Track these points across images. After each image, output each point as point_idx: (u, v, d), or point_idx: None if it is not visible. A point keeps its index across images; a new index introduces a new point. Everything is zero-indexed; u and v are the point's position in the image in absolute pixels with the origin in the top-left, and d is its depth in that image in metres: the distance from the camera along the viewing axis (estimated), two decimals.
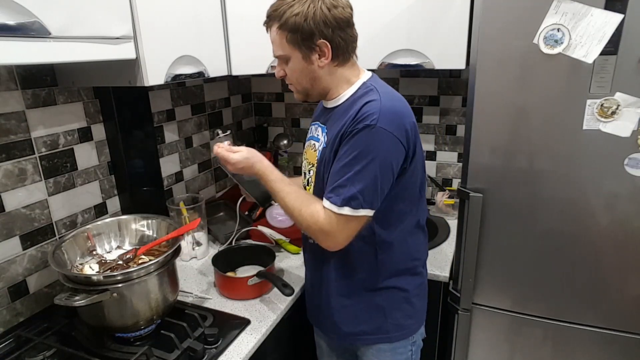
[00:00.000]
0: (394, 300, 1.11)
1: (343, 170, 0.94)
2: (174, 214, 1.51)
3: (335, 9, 0.95)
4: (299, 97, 1.08)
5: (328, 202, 0.96)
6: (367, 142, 0.92)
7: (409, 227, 1.09)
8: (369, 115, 0.92)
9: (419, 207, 1.10)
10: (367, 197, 0.93)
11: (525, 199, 1.26)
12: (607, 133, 1.13)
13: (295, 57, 0.99)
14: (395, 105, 0.96)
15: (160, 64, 1.18)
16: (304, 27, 0.94)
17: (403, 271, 1.11)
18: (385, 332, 1.12)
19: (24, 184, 1.20)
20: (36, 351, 1.07)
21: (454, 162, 1.97)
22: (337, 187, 0.95)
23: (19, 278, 1.21)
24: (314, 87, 1.04)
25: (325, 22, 0.94)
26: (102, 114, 1.41)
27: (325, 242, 1.00)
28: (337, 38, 0.96)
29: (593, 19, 1.06)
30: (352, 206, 0.93)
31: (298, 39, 0.96)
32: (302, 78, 1.03)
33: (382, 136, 0.92)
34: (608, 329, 1.29)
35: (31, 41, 0.84)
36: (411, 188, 1.04)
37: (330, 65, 1.00)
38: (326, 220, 0.96)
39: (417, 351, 1.19)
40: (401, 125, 0.94)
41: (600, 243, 1.23)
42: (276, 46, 1.01)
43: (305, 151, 1.17)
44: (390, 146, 0.93)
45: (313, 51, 0.97)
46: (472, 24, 1.27)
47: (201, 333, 1.11)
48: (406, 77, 1.92)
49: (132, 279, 1.02)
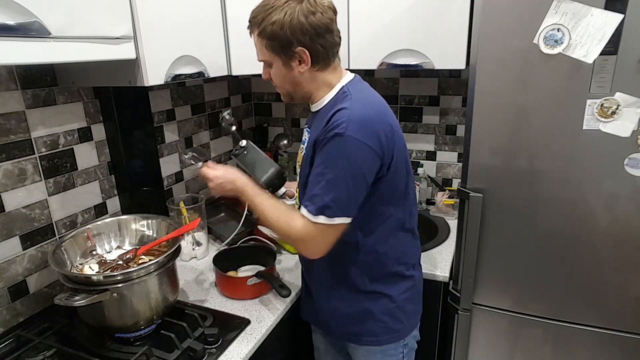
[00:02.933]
0: (383, 305, 1.10)
1: (317, 179, 0.94)
2: (174, 214, 1.51)
3: (314, 15, 0.93)
4: (285, 99, 1.10)
5: (305, 210, 0.95)
6: (337, 151, 0.92)
7: (392, 230, 1.07)
8: (338, 124, 0.91)
9: (404, 210, 1.08)
10: (340, 205, 0.93)
11: (525, 199, 1.26)
12: (607, 133, 1.13)
13: (275, 63, 1.00)
14: (367, 112, 0.94)
15: (160, 64, 1.18)
16: (281, 36, 0.93)
17: (391, 275, 1.09)
18: (374, 335, 1.11)
19: (24, 184, 1.20)
20: (36, 351, 1.07)
21: (454, 162, 1.97)
22: (312, 196, 0.94)
23: (19, 278, 1.21)
24: (296, 91, 1.05)
25: (302, 30, 0.93)
26: (102, 114, 1.41)
27: (305, 251, 1.01)
28: (315, 45, 0.95)
29: (593, 19, 1.06)
30: (327, 215, 0.93)
31: (277, 47, 0.96)
32: (284, 83, 1.03)
33: (351, 144, 0.90)
34: (608, 329, 1.29)
35: (31, 41, 0.84)
36: (392, 192, 1.02)
37: (311, 71, 0.99)
38: (304, 229, 0.96)
39: (409, 353, 1.18)
40: (372, 131, 0.92)
41: (600, 243, 1.23)
42: (258, 51, 1.01)
43: (298, 153, 1.17)
44: (360, 154, 0.92)
45: (293, 58, 0.97)
46: (472, 24, 1.27)
47: (201, 333, 1.11)
48: (406, 77, 1.92)
49: (132, 279, 1.02)
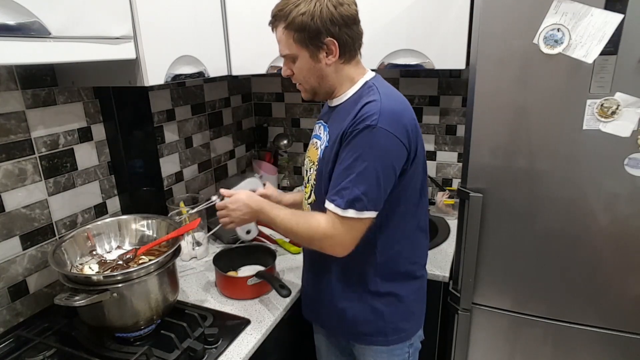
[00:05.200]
0: (393, 304, 1.10)
1: (345, 173, 0.94)
2: (174, 213, 1.51)
3: (342, 6, 0.95)
4: (307, 95, 1.08)
5: (332, 204, 0.95)
6: (368, 143, 0.92)
7: (409, 229, 1.08)
8: (369, 116, 0.92)
9: (420, 210, 1.10)
10: (370, 198, 0.93)
11: (525, 199, 1.26)
12: (607, 133, 1.13)
13: (302, 56, 0.99)
14: (396, 106, 0.96)
15: (160, 64, 1.18)
16: (311, 26, 0.94)
17: (403, 274, 1.10)
18: (383, 335, 1.11)
19: (24, 184, 1.20)
20: (36, 351, 1.07)
21: (454, 162, 1.97)
22: (341, 189, 0.94)
23: (19, 278, 1.21)
24: (321, 86, 1.04)
25: (332, 20, 0.94)
26: (102, 114, 1.41)
27: (332, 249, 0.99)
28: (344, 35, 0.97)
29: (593, 19, 1.06)
30: (357, 208, 0.93)
31: (305, 38, 0.96)
32: (309, 77, 1.03)
33: (382, 136, 0.92)
34: (608, 329, 1.29)
35: (31, 41, 0.84)
36: (411, 190, 1.04)
37: (337, 63, 1.00)
38: (330, 225, 0.95)
39: (414, 353, 1.19)
40: (401, 125, 0.94)
41: (600, 243, 1.23)
42: (283, 45, 1.01)
43: (309, 149, 1.17)
44: (391, 146, 0.93)
45: (320, 49, 0.98)
46: (472, 24, 1.27)
47: (201, 333, 1.11)
48: (406, 77, 1.92)
49: (132, 279, 1.02)
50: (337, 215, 0.94)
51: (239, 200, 1.08)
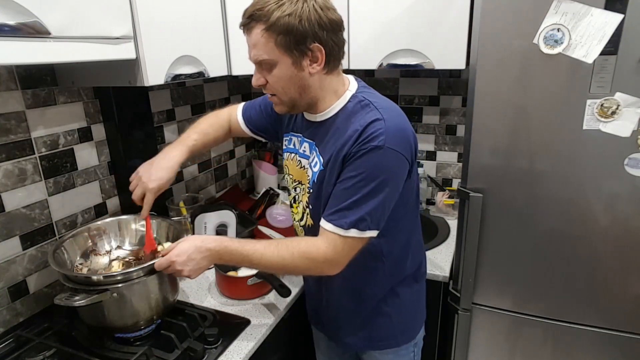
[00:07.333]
0: (400, 307, 1.10)
1: (348, 193, 0.89)
2: (173, 213, 1.51)
3: (328, 10, 0.87)
4: (283, 109, 0.98)
5: (330, 224, 0.91)
6: (375, 164, 0.88)
7: (409, 233, 1.08)
8: (375, 136, 0.87)
9: (417, 209, 1.10)
10: (374, 218, 0.90)
11: (525, 199, 1.26)
12: (607, 133, 1.13)
13: (283, 62, 0.88)
14: (399, 121, 0.92)
15: (160, 64, 1.18)
16: (298, 29, 0.84)
17: (407, 277, 1.10)
18: (393, 337, 1.12)
19: (24, 184, 1.20)
20: (36, 351, 1.06)
21: (454, 162, 1.97)
22: (342, 209, 0.90)
23: (19, 278, 1.21)
24: (302, 98, 0.94)
25: (320, 24, 0.86)
26: (102, 114, 1.41)
27: (329, 270, 0.95)
28: (330, 42, 0.88)
29: (593, 19, 1.06)
30: (360, 228, 0.89)
31: (290, 42, 0.85)
32: (289, 87, 0.92)
33: (390, 157, 0.88)
34: (608, 329, 1.29)
35: (31, 41, 0.84)
36: (409, 195, 1.03)
37: (320, 73, 0.91)
38: (331, 247, 0.91)
39: (418, 352, 1.20)
40: (407, 141, 0.91)
41: (600, 243, 1.23)
42: (259, 50, 0.88)
43: (287, 164, 1.10)
44: (398, 167, 0.90)
45: (305, 56, 0.88)
46: (472, 24, 1.27)
47: (201, 333, 1.11)
48: (406, 77, 1.92)
49: (132, 279, 1.02)
50: (338, 236, 0.90)
51: (185, 251, 0.95)
